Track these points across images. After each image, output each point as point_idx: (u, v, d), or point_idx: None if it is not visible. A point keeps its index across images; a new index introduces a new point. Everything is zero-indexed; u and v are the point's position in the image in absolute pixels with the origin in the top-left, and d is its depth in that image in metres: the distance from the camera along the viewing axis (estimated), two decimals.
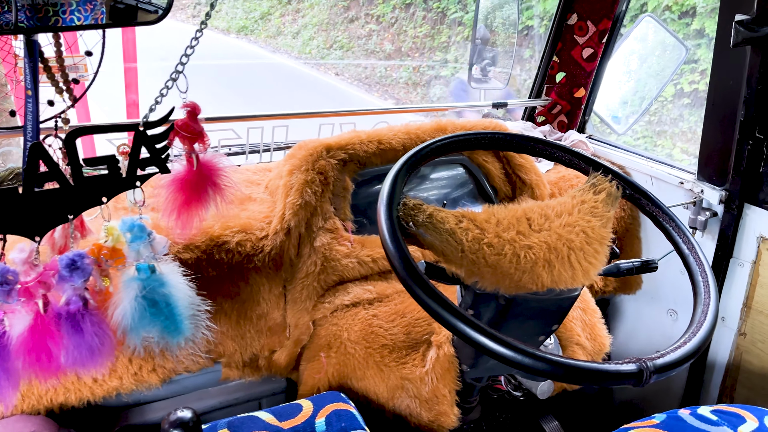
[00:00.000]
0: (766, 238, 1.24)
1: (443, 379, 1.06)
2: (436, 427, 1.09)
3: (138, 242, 0.80)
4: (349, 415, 0.99)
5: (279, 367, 1.21)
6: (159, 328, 0.82)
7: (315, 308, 1.17)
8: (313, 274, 1.16)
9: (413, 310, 1.14)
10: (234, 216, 1.17)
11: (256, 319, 1.17)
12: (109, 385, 1.09)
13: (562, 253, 0.91)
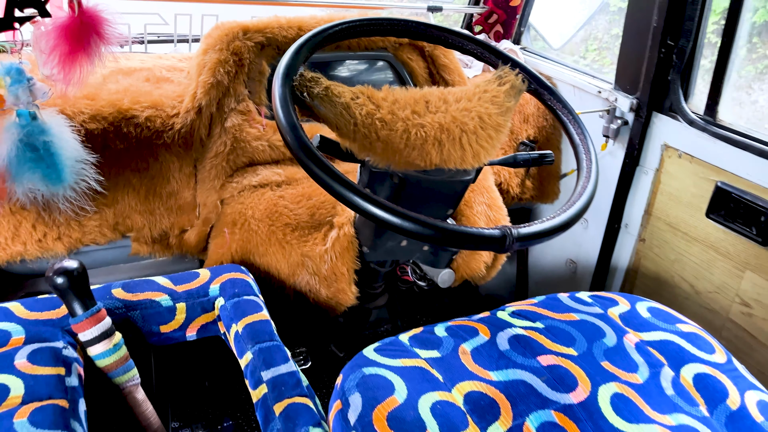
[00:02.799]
0: (669, 145, 1.28)
1: (342, 257, 1.10)
2: (334, 304, 1.14)
3: (17, 86, 0.80)
4: (244, 283, 1.02)
5: (189, 246, 1.24)
6: (40, 175, 0.82)
7: (223, 188, 1.19)
8: (222, 154, 1.17)
9: (319, 193, 1.16)
10: (146, 92, 1.16)
11: (166, 196, 1.19)
12: (13, 249, 1.10)
13: (453, 134, 0.93)
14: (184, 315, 0.97)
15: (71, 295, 0.86)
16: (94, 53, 0.86)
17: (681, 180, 1.26)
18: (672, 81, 1.23)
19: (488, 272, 1.33)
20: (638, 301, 1.04)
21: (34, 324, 0.88)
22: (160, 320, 0.96)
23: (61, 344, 0.86)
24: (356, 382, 0.80)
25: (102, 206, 1.14)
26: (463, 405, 0.79)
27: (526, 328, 0.94)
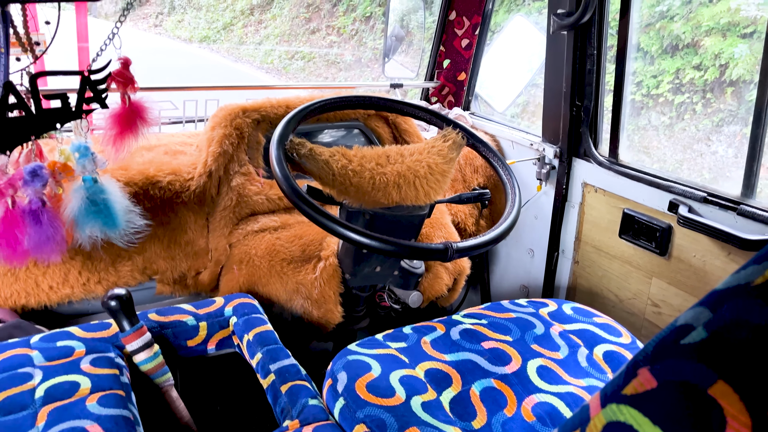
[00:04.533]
0: (587, 183, 1.59)
1: (329, 283, 1.37)
2: (324, 322, 1.40)
3: (83, 159, 1.09)
4: (252, 306, 1.29)
5: (203, 285, 1.51)
6: (100, 223, 1.11)
7: (231, 234, 1.47)
8: (229, 207, 1.47)
9: (309, 233, 1.45)
10: (167, 162, 1.47)
11: (184, 244, 1.47)
12: (62, 292, 1.37)
13: (408, 179, 1.23)
14: (206, 332, 1.23)
15: (121, 315, 1.12)
16: (138, 133, 1.17)
17: (598, 210, 1.56)
18: (583, 132, 1.56)
19: (451, 294, 1.61)
20: (564, 303, 1.31)
21: (92, 341, 1.13)
22: (186, 336, 1.22)
23: (113, 355, 1.11)
24: (342, 365, 1.06)
25: (133, 254, 1.42)
26: (423, 377, 1.05)
27: (474, 324, 1.21)
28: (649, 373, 0.49)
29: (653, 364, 0.49)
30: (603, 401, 0.53)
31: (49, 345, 1.11)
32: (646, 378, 0.49)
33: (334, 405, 1.01)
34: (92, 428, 0.92)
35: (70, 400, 0.98)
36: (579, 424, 0.55)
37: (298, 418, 0.99)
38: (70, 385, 1.01)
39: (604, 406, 0.52)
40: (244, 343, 1.21)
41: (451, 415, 0.99)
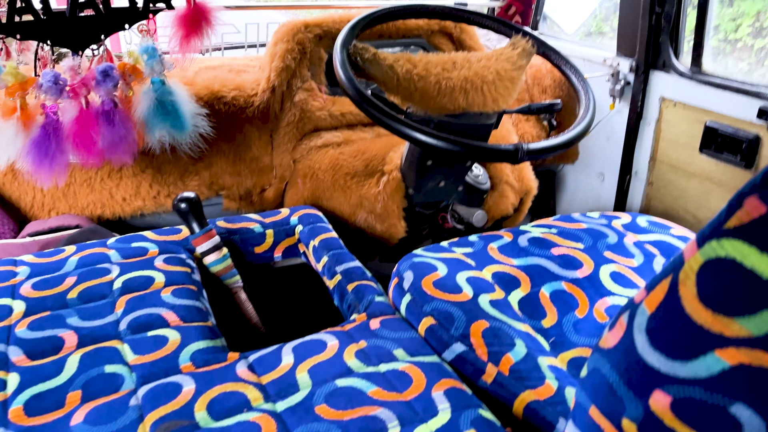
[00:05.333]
0: (665, 97, 1.50)
1: (392, 197, 1.35)
2: (387, 237, 1.39)
3: (152, 61, 1.10)
4: (316, 216, 1.29)
5: (268, 202, 1.52)
6: (168, 125, 1.12)
7: (294, 150, 1.47)
8: (293, 123, 1.46)
9: (372, 148, 1.43)
10: (231, 79, 1.47)
11: (249, 161, 1.48)
12: (134, 204, 1.41)
13: (475, 85, 1.19)
14: (272, 239, 1.25)
15: (191, 217, 1.15)
16: (203, 34, 1.16)
17: (676, 125, 1.47)
18: (662, 42, 1.46)
19: (516, 216, 1.56)
20: (639, 216, 1.26)
21: (164, 243, 1.16)
22: (254, 243, 1.24)
23: (185, 256, 1.14)
24: (408, 265, 1.05)
25: (200, 169, 1.44)
26: (491, 278, 1.03)
27: (543, 233, 1.17)
28: (758, 199, 0.45)
29: (763, 189, 0.45)
30: (700, 242, 0.49)
31: (125, 245, 1.15)
32: (753, 205, 0.45)
33: (401, 301, 1.00)
34: (167, 315, 0.95)
35: (145, 291, 1.01)
36: (671, 270, 0.51)
37: (365, 311, 1.00)
38: (145, 279, 1.04)
39: (701, 245, 0.49)
40: (309, 249, 1.21)
41: (520, 314, 0.97)
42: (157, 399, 0.79)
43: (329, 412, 0.76)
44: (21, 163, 1.07)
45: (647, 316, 0.52)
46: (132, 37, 1.12)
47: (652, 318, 0.52)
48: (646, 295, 0.53)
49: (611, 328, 0.58)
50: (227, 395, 0.80)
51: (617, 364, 0.55)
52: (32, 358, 0.86)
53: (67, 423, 0.75)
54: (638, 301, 0.54)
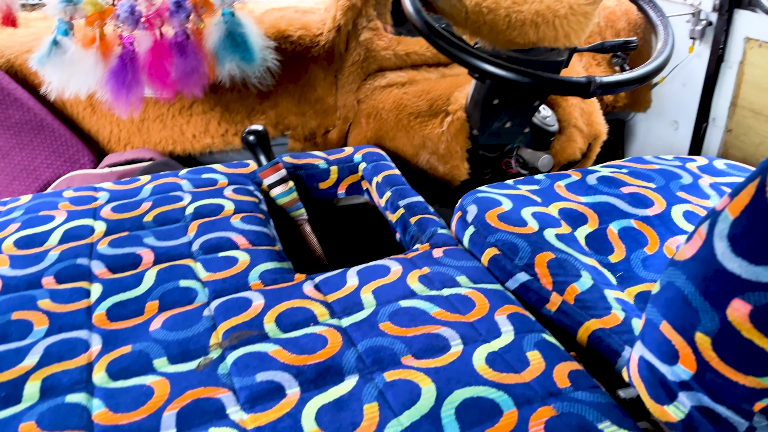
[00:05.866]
0: (751, 37, 1.40)
1: (456, 138, 1.34)
2: (450, 178, 1.38)
3: None
4: (379, 154, 1.29)
5: (332, 143, 1.54)
6: (238, 57, 1.14)
7: (359, 89, 1.47)
8: (357, 62, 1.46)
9: (436, 88, 1.41)
10: (297, 18, 1.48)
11: (314, 101, 1.49)
12: (204, 141, 1.45)
13: (547, 18, 1.15)
14: (336, 175, 1.26)
15: (258, 149, 1.17)
16: None
17: (762, 67, 1.38)
18: None
19: (584, 162, 1.52)
20: (716, 159, 1.20)
21: (233, 175, 1.20)
22: (318, 178, 1.26)
23: (252, 188, 1.17)
24: (472, 200, 1.05)
25: (267, 108, 1.46)
26: (557, 214, 1.01)
27: (612, 172, 1.14)
28: None
29: None
30: None
31: (196, 176, 1.18)
32: None
33: (464, 233, 1.00)
34: (237, 238, 0.99)
35: (216, 217, 1.05)
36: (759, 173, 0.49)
37: (427, 242, 1.00)
38: (215, 206, 1.08)
39: None
40: (372, 186, 1.22)
41: (587, 248, 0.95)
42: (229, 311, 0.82)
43: (393, 328, 0.78)
44: (99, 92, 1.12)
45: (730, 222, 0.50)
46: None
47: (735, 223, 0.50)
48: (730, 201, 0.51)
49: (688, 240, 0.56)
50: (294, 310, 0.82)
51: (694, 275, 0.54)
52: (113, 272, 0.91)
53: (146, 328, 0.80)
54: (720, 208, 0.52)
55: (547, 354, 0.74)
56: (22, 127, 1.26)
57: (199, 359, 0.75)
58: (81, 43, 1.08)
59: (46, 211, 1.06)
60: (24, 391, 0.70)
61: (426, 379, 0.70)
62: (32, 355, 0.75)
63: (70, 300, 0.85)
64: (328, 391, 0.69)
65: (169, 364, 0.74)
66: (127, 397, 0.69)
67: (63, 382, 0.71)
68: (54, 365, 0.73)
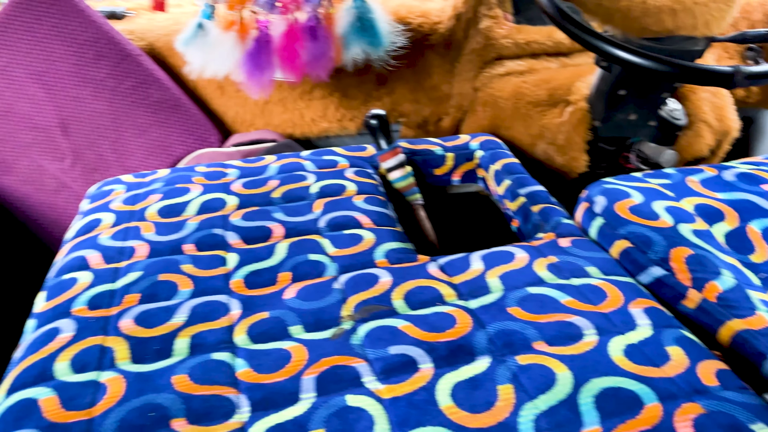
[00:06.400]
0: None
1: (576, 128, 1.31)
2: (567, 170, 1.35)
3: None
4: (496, 142, 1.28)
5: (444, 131, 1.54)
6: (365, 42, 1.16)
7: (476, 78, 1.46)
8: (476, 50, 1.45)
9: (557, 77, 1.38)
10: (417, 5, 1.49)
11: (429, 89, 1.50)
12: (321, 125, 1.50)
13: (685, 4, 1.09)
14: (453, 162, 1.26)
15: (379, 133, 1.19)
16: None
17: None
18: None
19: (711, 160, 1.44)
20: None
21: (352, 157, 1.22)
22: (434, 164, 1.26)
23: (371, 171, 1.19)
24: (599, 191, 1.02)
25: (383, 94, 1.49)
26: (692, 209, 0.97)
27: (752, 169, 1.07)
28: None
29: None
30: None
31: (318, 157, 1.22)
32: None
33: (591, 224, 0.98)
34: (360, 218, 1.01)
35: (339, 197, 1.08)
36: None
37: (552, 231, 0.98)
38: (338, 186, 1.11)
39: None
40: (490, 173, 1.21)
41: (726, 246, 0.90)
42: (358, 285, 0.84)
43: (523, 314, 0.77)
44: (235, 73, 1.17)
45: None
46: None
47: None
48: None
49: None
50: (422, 288, 0.83)
51: None
52: (247, 243, 0.96)
53: (280, 296, 0.84)
54: None
55: (689, 350, 0.71)
56: (161, 105, 1.34)
57: (333, 329, 0.77)
58: (221, 27, 1.14)
59: (182, 183, 1.13)
60: (174, 346, 0.75)
61: (561, 366, 0.69)
62: (180, 313, 0.80)
63: (210, 266, 0.90)
64: (460, 369, 0.70)
65: (304, 331, 0.77)
66: (268, 359, 0.73)
67: (209, 340, 0.76)
68: (200, 324, 0.78)
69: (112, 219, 1.03)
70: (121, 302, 0.82)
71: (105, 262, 0.91)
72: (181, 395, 0.67)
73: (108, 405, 0.66)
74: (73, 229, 1.03)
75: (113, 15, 1.46)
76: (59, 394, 0.68)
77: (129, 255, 0.93)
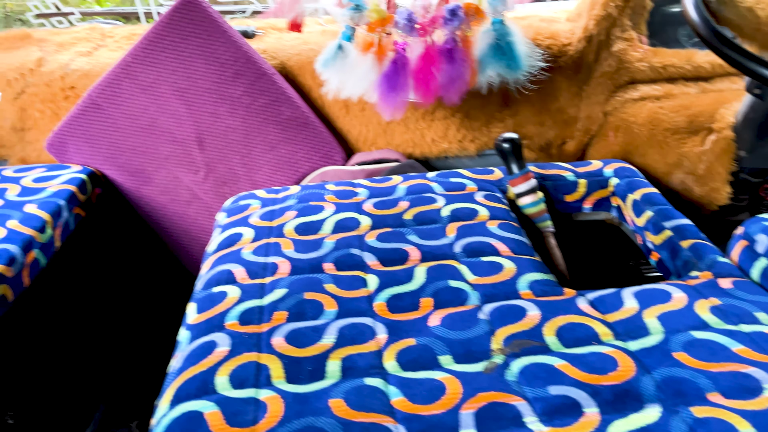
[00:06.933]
0: None
1: (720, 158, 1.23)
2: (706, 202, 1.27)
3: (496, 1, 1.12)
4: (632, 170, 1.23)
5: (567, 154, 1.49)
6: (503, 65, 1.15)
7: (607, 102, 1.41)
8: (608, 74, 1.40)
9: (698, 104, 1.31)
10: (545, 27, 1.45)
11: (554, 111, 1.46)
12: (441, 146, 1.49)
13: None
14: (585, 189, 1.22)
15: (512, 157, 1.17)
16: None
17: None
18: None
19: None
20: None
21: (479, 180, 1.20)
22: (565, 191, 1.22)
23: (500, 195, 1.17)
24: (760, 228, 0.94)
25: (507, 116, 1.46)
26: None
27: None
28: None
29: None
30: None
31: (444, 179, 1.21)
32: None
33: (752, 264, 0.91)
34: (497, 244, 0.99)
35: (472, 221, 1.06)
36: None
37: (708, 270, 0.92)
38: (470, 210, 1.09)
39: None
40: (627, 203, 1.16)
41: None
42: (505, 317, 0.82)
43: (690, 360, 0.72)
44: (370, 95, 1.19)
45: None
46: None
47: None
48: None
49: None
50: (574, 325, 0.80)
51: None
52: (384, 265, 0.95)
53: (425, 323, 0.82)
54: None
55: None
56: (290, 123, 1.38)
57: (485, 362, 0.75)
58: (360, 48, 1.16)
59: (316, 201, 1.15)
60: (327, 368, 0.75)
61: (743, 422, 0.63)
62: (328, 334, 0.80)
63: (352, 287, 0.90)
64: (629, 416, 0.66)
65: (454, 362, 0.76)
66: (421, 389, 0.72)
67: (359, 364, 0.76)
68: (349, 347, 0.78)
69: (251, 234, 1.06)
70: (270, 319, 0.83)
71: (250, 277, 0.94)
72: (341, 420, 0.67)
73: (270, 424, 0.67)
74: (214, 242, 1.07)
75: (245, 34, 1.52)
76: (222, 408, 0.69)
77: (272, 271, 0.95)
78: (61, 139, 1.39)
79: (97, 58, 1.47)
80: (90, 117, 1.37)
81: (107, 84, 1.35)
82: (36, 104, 1.43)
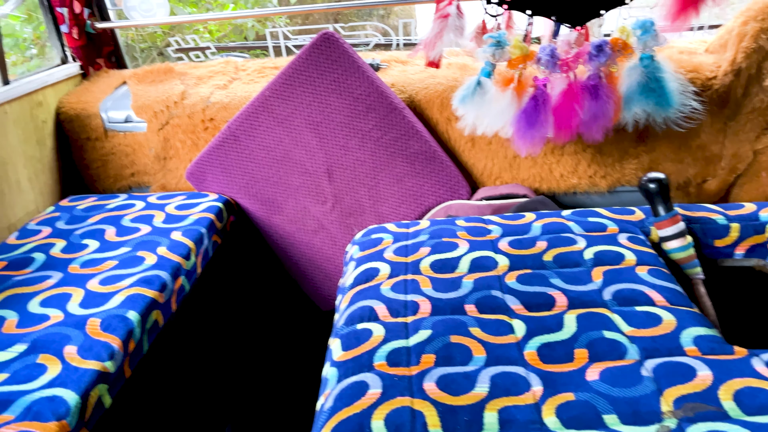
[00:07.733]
0: None
1: None
2: None
3: (646, 36, 1.08)
4: None
5: (708, 194, 1.40)
6: (652, 103, 1.09)
7: (758, 139, 1.31)
8: (759, 109, 1.31)
9: None
10: (686, 60, 1.38)
11: (695, 148, 1.37)
12: (570, 181, 1.44)
13: None
14: (738, 234, 1.13)
15: (658, 198, 1.10)
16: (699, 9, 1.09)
17: None
18: None
19: None
20: None
21: (620, 221, 1.14)
22: (715, 235, 1.14)
23: (643, 238, 1.11)
24: None
25: (642, 152, 1.39)
26: None
27: None
28: None
29: None
30: None
31: (582, 219, 1.16)
32: None
33: None
34: (651, 293, 0.93)
35: (619, 266, 1.01)
36: None
37: None
38: (615, 254, 1.04)
39: None
40: None
41: None
42: (672, 376, 0.76)
43: None
44: (506, 130, 1.17)
45: None
46: (627, 12, 1.13)
47: None
48: None
49: None
50: (754, 390, 0.73)
51: None
52: (529, 309, 0.92)
53: (582, 376, 0.78)
54: None
55: None
56: (418, 156, 1.38)
57: (656, 426, 0.70)
58: (499, 84, 1.14)
59: (448, 238, 1.13)
60: (484, 420, 0.72)
61: None
62: (481, 383, 0.78)
63: (498, 332, 0.87)
64: None
65: (620, 423, 0.71)
66: None
67: (518, 417, 0.72)
68: (504, 398, 0.75)
69: (388, 269, 1.05)
70: (419, 362, 0.82)
71: (391, 315, 0.93)
72: None
73: None
74: (350, 275, 1.08)
75: (372, 66, 1.55)
76: None
77: (413, 310, 0.94)
78: (201, 168, 1.46)
79: (234, 91, 1.54)
80: (228, 148, 1.43)
81: (246, 117, 1.40)
82: (178, 135, 1.52)
